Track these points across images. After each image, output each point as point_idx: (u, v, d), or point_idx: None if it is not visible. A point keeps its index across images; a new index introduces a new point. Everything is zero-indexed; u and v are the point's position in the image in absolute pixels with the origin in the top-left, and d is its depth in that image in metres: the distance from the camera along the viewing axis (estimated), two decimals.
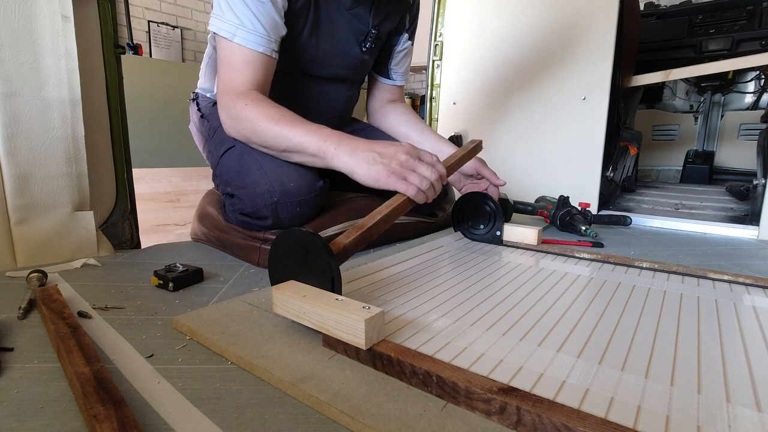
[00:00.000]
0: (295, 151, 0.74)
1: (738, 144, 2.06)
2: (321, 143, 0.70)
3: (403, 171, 0.65)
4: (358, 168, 0.67)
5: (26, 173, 0.75)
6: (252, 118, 0.74)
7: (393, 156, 0.67)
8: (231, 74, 0.77)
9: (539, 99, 1.42)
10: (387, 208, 0.63)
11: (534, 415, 0.33)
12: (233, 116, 0.77)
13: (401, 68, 1.08)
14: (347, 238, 0.57)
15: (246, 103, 0.75)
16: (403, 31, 1.03)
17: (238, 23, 0.74)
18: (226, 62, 0.77)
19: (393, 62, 1.07)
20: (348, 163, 0.68)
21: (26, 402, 0.38)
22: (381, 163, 0.66)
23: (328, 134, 0.71)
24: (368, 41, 0.93)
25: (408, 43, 1.05)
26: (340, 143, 0.69)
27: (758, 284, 0.67)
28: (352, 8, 0.88)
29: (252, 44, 0.75)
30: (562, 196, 1.16)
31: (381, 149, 0.68)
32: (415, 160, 0.67)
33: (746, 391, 0.38)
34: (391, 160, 0.66)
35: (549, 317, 0.54)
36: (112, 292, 0.65)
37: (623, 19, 1.28)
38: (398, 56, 1.06)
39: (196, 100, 1.01)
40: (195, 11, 3.36)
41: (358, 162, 0.67)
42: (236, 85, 0.76)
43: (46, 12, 0.74)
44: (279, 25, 0.78)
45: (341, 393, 0.38)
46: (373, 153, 0.67)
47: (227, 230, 0.87)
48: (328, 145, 0.69)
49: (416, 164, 0.67)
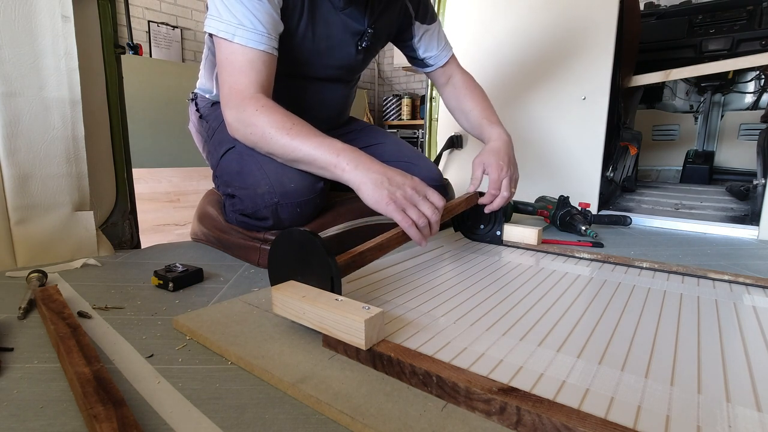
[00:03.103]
0: (304, 162, 0.74)
1: (738, 144, 2.06)
2: (333, 157, 0.70)
3: (404, 203, 0.67)
4: (364, 186, 0.68)
5: (26, 173, 0.75)
6: (262, 125, 0.73)
7: (400, 186, 0.68)
8: (235, 76, 0.75)
9: (539, 99, 1.42)
10: (381, 238, 0.66)
11: (534, 415, 0.33)
12: (242, 120, 0.75)
13: (434, 50, 1.04)
14: (340, 258, 0.57)
15: (256, 108, 0.74)
16: (412, 21, 1.00)
17: (236, 23, 0.73)
18: (228, 64, 0.76)
19: (421, 51, 1.03)
20: (358, 179, 0.69)
21: (26, 402, 0.38)
22: (387, 189, 0.67)
23: (341, 148, 0.71)
24: (365, 40, 0.93)
25: (424, 27, 1.01)
26: (355, 159, 0.70)
27: (758, 284, 0.67)
28: (345, 9, 0.87)
29: (253, 43, 0.74)
30: (562, 196, 1.16)
31: (392, 175, 0.69)
32: (421, 197, 0.68)
33: (746, 391, 0.38)
34: (397, 189, 0.67)
35: (549, 317, 0.54)
36: (112, 292, 0.65)
37: (623, 19, 1.28)
38: (422, 44, 1.03)
39: (195, 101, 1.01)
40: (195, 11, 3.36)
41: (367, 181, 0.68)
42: (242, 88, 0.75)
43: (46, 12, 0.74)
44: (277, 21, 0.77)
45: (341, 393, 0.38)
46: (383, 177, 0.68)
47: (227, 230, 0.87)
48: (340, 159, 0.70)
49: (420, 201, 0.68)
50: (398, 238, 0.67)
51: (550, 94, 1.39)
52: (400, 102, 4.44)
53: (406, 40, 1.03)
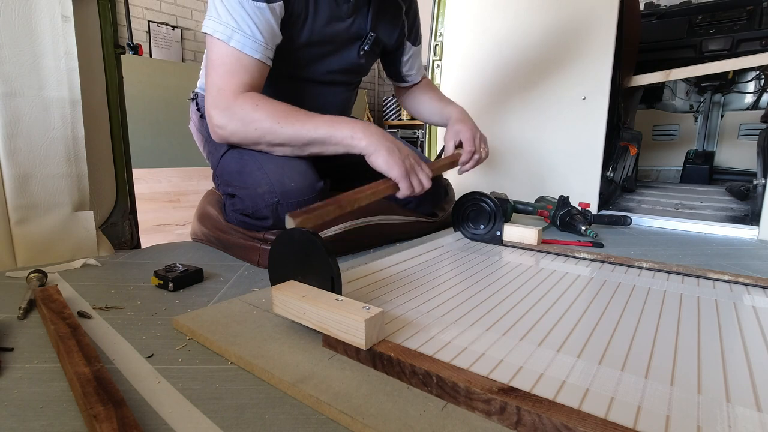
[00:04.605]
0: (317, 142, 0.77)
1: (738, 144, 2.06)
2: (348, 129, 0.77)
3: (410, 170, 0.78)
4: (378, 152, 0.76)
5: (26, 173, 0.75)
6: (266, 117, 0.75)
7: (407, 156, 0.79)
8: (225, 78, 0.75)
9: (539, 99, 1.42)
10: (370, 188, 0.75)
11: (534, 415, 0.33)
12: (241, 118, 0.75)
13: (413, 70, 1.12)
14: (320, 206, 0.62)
15: (256, 103, 0.75)
16: (405, 40, 1.04)
17: (235, 26, 0.73)
18: (219, 65, 0.75)
19: (404, 69, 1.10)
20: (372, 146, 0.76)
21: (26, 402, 0.38)
22: (398, 156, 0.77)
23: (351, 121, 0.78)
24: (366, 44, 0.93)
25: (413, 49, 1.07)
26: (367, 128, 0.78)
27: (758, 284, 0.67)
28: (351, 16, 0.88)
29: (248, 49, 0.74)
30: (562, 196, 1.16)
31: (400, 146, 0.80)
32: (419, 167, 0.80)
33: (746, 391, 0.38)
34: (406, 158, 0.78)
35: (549, 317, 0.54)
36: (112, 292, 0.65)
37: (623, 19, 1.28)
38: (407, 63, 1.09)
39: (196, 100, 1.01)
40: (195, 11, 3.36)
41: (381, 148, 0.76)
42: (233, 89, 0.75)
43: (46, 12, 0.74)
44: (276, 33, 0.78)
45: (341, 393, 0.38)
46: (393, 146, 0.78)
47: (227, 230, 0.87)
48: (355, 130, 0.77)
49: (418, 170, 0.80)
50: (386, 189, 0.76)
51: (550, 94, 1.39)
52: None
53: (398, 56, 1.07)
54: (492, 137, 1.53)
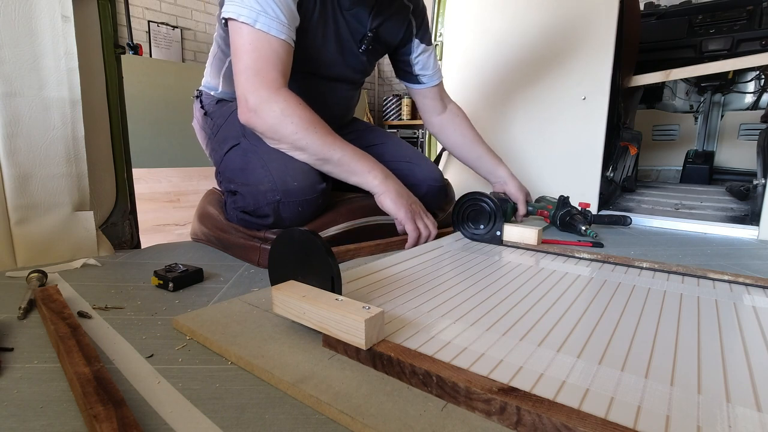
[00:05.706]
0: (334, 162, 0.80)
1: (738, 144, 2.06)
2: (368, 166, 0.83)
3: (416, 215, 0.86)
4: (388, 194, 0.83)
5: (26, 173, 0.75)
6: (306, 119, 0.77)
7: (414, 201, 0.87)
8: (262, 64, 0.74)
9: (539, 99, 1.42)
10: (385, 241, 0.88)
11: (534, 415, 0.33)
12: (283, 109, 0.75)
13: (428, 70, 1.09)
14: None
15: (299, 102, 0.77)
16: (412, 38, 1.03)
17: (259, 9, 0.72)
18: (252, 50, 0.74)
19: (417, 68, 1.08)
20: (383, 187, 0.83)
21: (26, 402, 0.38)
22: (405, 200, 0.85)
23: (376, 162, 0.85)
24: (364, 43, 0.93)
25: (422, 46, 1.06)
26: (384, 171, 0.85)
27: (758, 284, 0.67)
28: (351, 9, 0.88)
29: (275, 31, 0.74)
30: (562, 196, 1.16)
31: (408, 192, 0.87)
32: (425, 214, 0.88)
33: (746, 391, 0.38)
34: (413, 203, 0.86)
35: (549, 317, 0.54)
36: (112, 292, 0.65)
37: (623, 19, 1.28)
38: (419, 61, 1.07)
39: (200, 98, 1.01)
40: (195, 11, 3.36)
41: (392, 190, 0.83)
42: (273, 78, 0.75)
43: (46, 12, 0.74)
44: (295, 15, 0.78)
45: (341, 393, 0.38)
46: (403, 190, 0.86)
47: (227, 230, 0.87)
48: (374, 169, 0.83)
49: (424, 216, 0.87)
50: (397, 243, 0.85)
51: (550, 94, 1.39)
52: (400, 102, 4.44)
53: (404, 54, 1.06)
54: (492, 137, 1.53)
